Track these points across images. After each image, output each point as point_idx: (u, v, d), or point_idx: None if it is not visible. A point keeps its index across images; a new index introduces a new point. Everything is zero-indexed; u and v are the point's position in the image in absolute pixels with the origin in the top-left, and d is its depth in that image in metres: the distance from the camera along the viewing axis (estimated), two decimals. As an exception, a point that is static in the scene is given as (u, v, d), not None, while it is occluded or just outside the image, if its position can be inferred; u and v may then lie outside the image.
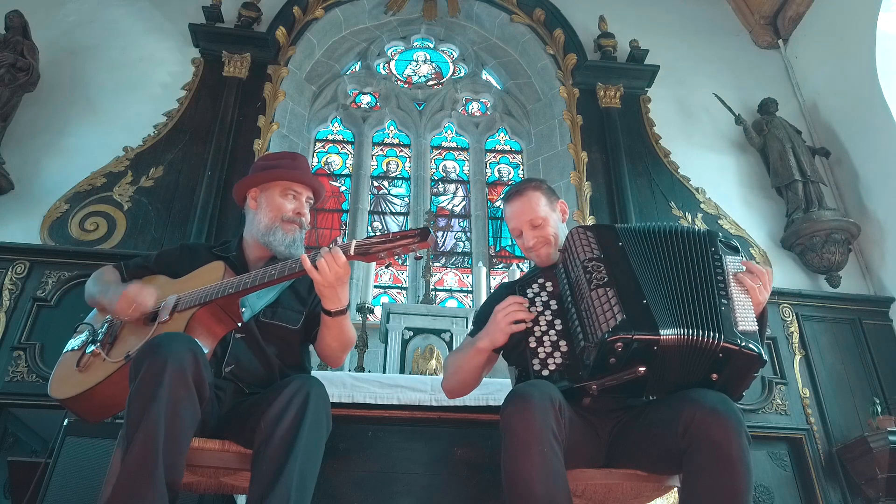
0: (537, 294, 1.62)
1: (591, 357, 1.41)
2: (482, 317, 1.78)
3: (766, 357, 1.41)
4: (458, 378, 1.73)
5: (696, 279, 1.48)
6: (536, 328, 1.56)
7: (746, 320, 1.43)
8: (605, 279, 1.47)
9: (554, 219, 1.79)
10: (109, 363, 1.56)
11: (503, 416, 1.37)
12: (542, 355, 1.51)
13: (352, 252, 1.48)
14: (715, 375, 1.42)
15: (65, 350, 1.74)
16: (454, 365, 1.75)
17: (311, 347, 1.88)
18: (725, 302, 1.44)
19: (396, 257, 1.48)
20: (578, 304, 1.51)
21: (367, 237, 1.51)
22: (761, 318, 1.51)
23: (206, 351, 1.53)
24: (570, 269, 1.57)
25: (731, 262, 1.52)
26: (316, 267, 1.49)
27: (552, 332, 1.54)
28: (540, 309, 1.59)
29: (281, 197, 1.85)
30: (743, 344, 1.38)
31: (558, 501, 1.28)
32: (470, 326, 2.09)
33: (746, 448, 1.28)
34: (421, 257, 2.29)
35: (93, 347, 1.64)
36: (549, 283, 1.63)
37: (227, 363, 1.65)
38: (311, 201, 1.92)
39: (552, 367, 1.50)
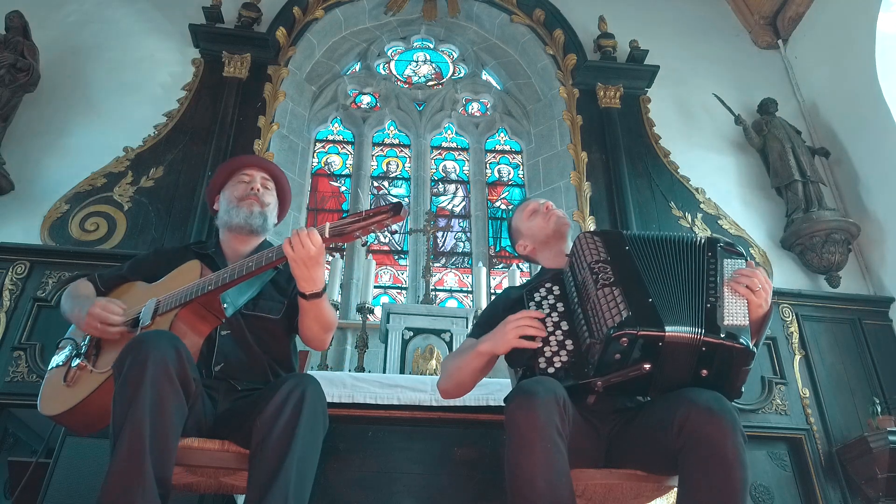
0: (544, 297, 1.63)
1: (597, 353, 1.42)
2: (484, 319, 1.81)
3: (753, 349, 1.41)
4: (455, 379, 1.72)
5: (690, 281, 1.50)
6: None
7: (735, 316, 1.43)
8: (612, 279, 1.48)
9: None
10: (97, 374, 1.54)
11: (507, 413, 1.37)
12: (547, 354, 1.52)
13: (327, 234, 1.48)
14: (704, 371, 1.42)
15: (49, 367, 1.72)
16: (452, 366, 1.74)
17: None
18: (713, 300, 1.45)
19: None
20: (584, 304, 1.52)
21: (341, 218, 1.51)
22: (763, 319, 1.51)
23: (193, 348, 1.53)
24: (577, 272, 1.59)
25: (729, 265, 1.53)
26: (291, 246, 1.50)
27: (558, 332, 1.55)
28: (546, 311, 1.60)
29: (232, 186, 1.92)
30: (724, 336, 1.39)
31: (561, 498, 1.28)
32: (471, 327, 2.10)
33: (742, 446, 1.28)
34: (396, 231, 2.33)
35: (78, 361, 1.61)
36: (555, 287, 1.65)
37: (215, 362, 1.65)
38: (270, 184, 1.96)
39: (558, 365, 1.50)
